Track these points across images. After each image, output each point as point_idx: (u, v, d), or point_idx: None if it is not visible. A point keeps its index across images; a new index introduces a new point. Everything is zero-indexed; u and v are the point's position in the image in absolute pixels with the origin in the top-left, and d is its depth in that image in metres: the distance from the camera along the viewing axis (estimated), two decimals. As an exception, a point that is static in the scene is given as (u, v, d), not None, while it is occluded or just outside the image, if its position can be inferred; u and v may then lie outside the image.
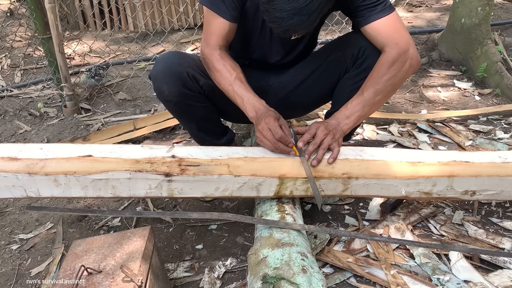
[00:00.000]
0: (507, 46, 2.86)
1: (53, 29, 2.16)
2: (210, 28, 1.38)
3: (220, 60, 1.36)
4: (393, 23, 1.32)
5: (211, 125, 1.60)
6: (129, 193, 1.26)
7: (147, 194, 1.27)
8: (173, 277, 1.32)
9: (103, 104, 2.57)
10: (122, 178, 1.23)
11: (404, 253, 1.35)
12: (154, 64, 1.45)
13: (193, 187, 1.26)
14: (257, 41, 1.48)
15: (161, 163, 1.24)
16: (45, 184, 1.23)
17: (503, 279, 1.22)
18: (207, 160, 1.25)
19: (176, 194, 1.27)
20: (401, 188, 1.30)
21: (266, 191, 1.28)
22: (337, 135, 1.28)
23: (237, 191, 1.28)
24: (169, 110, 1.55)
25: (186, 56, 1.47)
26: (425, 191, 1.32)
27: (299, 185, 1.27)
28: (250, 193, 1.28)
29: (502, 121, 2.15)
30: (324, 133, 1.27)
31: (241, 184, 1.26)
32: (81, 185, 1.24)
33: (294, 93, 1.58)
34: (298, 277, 0.97)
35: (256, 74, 1.57)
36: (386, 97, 1.35)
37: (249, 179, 1.25)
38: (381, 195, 1.34)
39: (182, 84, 1.39)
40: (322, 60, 1.53)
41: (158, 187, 1.25)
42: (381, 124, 2.14)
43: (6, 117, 2.46)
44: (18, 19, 4.05)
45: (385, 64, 1.29)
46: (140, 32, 3.83)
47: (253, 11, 1.39)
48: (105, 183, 1.24)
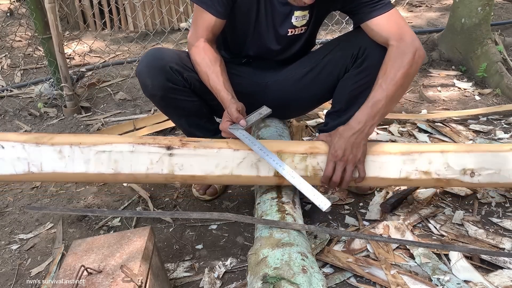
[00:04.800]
0: (507, 46, 2.85)
1: (53, 29, 2.16)
2: (197, 21, 1.42)
3: (201, 53, 1.40)
4: (395, 18, 1.32)
5: (202, 121, 1.58)
6: (131, 169, 1.30)
7: (148, 171, 1.30)
8: (173, 277, 1.32)
9: (103, 104, 2.57)
10: (125, 151, 1.30)
11: (404, 253, 1.35)
12: (139, 60, 1.46)
13: (193, 163, 1.31)
14: (252, 37, 1.48)
15: (163, 138, 1.35)
16: (49, 156, 1.30)
17: (503, 279, 1.22)
18: (207, 139, 1.37)
19: (176, 170, 1.31)
20: (399, 166, 1.31)
21: (266, 170, 1.30)
22: (359, 151, 1.25)
23: (236, 169, 1.30)
24: (156, 105, 1.55)
25: (169, 51, 1.48)
26: (424, 170, 1.32)
27: (297, 162, 1.30)
28: (250, 171, 1.30)
29: (502, 121, 2.15)
30: (343, 161, 1.25)
31: (241, 160, 1.30)
32: (84, 158, 1.29)
33: (291, 92, 1.57)
34: (299, 277, 0.97)
35: (253, 72, 1.57)
36: (405, 90, 1.32)
37: (248, 154, 1.30)
38: (380, 177, 1.32)
39: (165, 77, 1.39)
40: (320, 59, 1.52)
41: (159, 162, 1.30)
42: (381, 124, 2.14)
43: (6, 117, 2.46)
44: (18, 19, 4.05)
45: (397, 57, 1.27)
46: (140, 32, 3.83)
47: (246, 6, 1.39)
48: (108, 157, 1.30)
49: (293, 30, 1.45)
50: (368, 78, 1.37)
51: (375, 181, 1.34)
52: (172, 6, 3.90)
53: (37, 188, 1.79)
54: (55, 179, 1.50)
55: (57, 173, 1.31)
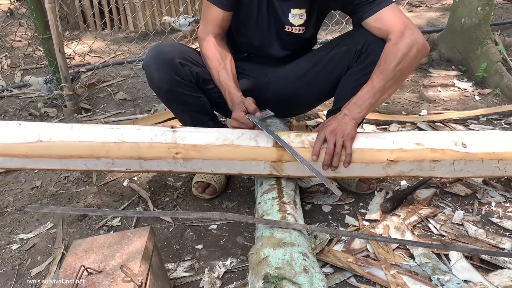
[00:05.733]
0: (507, 46, 2.86)
1: (53, 29, 2.15)
2: (206, 16, 1.46)
3: (212, 48, 1.44)
4: (395, 13, 1.33)
5: (206, 119, 1.59)
6: (136, 138, 1.37)
7: (152, 140, 1.37)
8: (173, 277, 1.32)
9: (103, 104, 2.57)
10: (132, 128, 1.41)
11: (404, 253, 1.35)
12: (146, 54, 1.47)
13: (195, 136, 1.37)
14: (254, 30, 1.49)
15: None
16: (62, 128, 1.41)
17: (503, 279, 1.22)
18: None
19: (179, 140, 1.36)
20: (391, 138, 1.36)
21: (264, 141, 1.35)
22: (347, 129, 1.29)
23: (236, 140, 1.36)
24: (161, 98, 1.56)
25: (177, 45, 1.50)
26: (416, 142, 1.35)
27: (293, 138, 1.36)
28: (249, 142, 1.35)
29: (502, 121, 2.15)
30: (333, 135, 1.28)
31: (240, 134, 1.36)
32: (93, 131, 1.39)
33: (293, 88, 1.57)
34: (300, 277, 0.97)
35: (254, 67, 1.57)
36: (396, 83, 1.34)
37: (246, 131, 1.37)
38: (376, 149, 1.35)
39: (173, 70, 1.41)
40: (322, 56, 1.52)
41: (163, 135, 1.37)
42: (381, 124, 2.14)
43: (6, 117, 2.46)
44: (18, 19, 4.05)
45: (392, 51, 1.29)
46: (140, 32, 3.83)
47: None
48: (115, 131, 1.39)
49: (290, 28, 1.46)
50: (371, 75, 1.37)
51: (371, 154, 1.34)
52: (172, 6, 3.90)
53: (37, 188, 1.80)
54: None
55: (64, 141, 1.37)
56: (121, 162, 1.39)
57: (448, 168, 1.37)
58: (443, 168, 1.37)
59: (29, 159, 1.39)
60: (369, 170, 1.37)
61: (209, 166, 1.39)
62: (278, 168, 1.37)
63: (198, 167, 1.40)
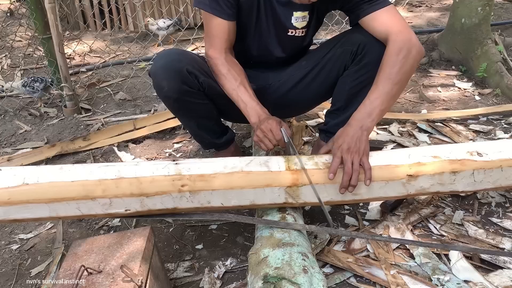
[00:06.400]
0: (507, 46, 2.85)
1: (53, 29, 2.16)
2: (211, 30, 1.40)
3: (225, 65, 1.39)
4: (393, 14, 1.33)
5: (211, 124, 1.60)
6: (135, 174, 1.21)
7: (154, 174, 1.21)
8: (173, 277, 1.32)
9: (103, 104, 2.57)
10: (129, 164, 1.25)
11: (404, 253, 1.35)
12: (153, 61, 1.45)
13: (200, 166, 1.24)
14: (253, 37, 1.48)
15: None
16: (50, 169, 1.21)
17: (503, 279, 1.22)
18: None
19: (184, 172, 1.22)
20: (406, 153, 1.30)
21: (276, 165, 1.25)
22: (361, 145, 1.23)
23: (246, 167, 1.24)
24: (168, 107, 1.55)
25: (186, 53, 1.47)
26: (432, 155, 1.29)
27: (305, 161, 1.26)
28: (260, 168, 1.24)
29: (502, 121, 2.15)
30: (350, 154, 1.21)
31: (248, 161, 1.26)
32: (87, 170, 1.21)
33: (292, 91, 1.58)
34: (299, 277, 0.97)
35: (255, 73, 1.57)
36: (402, 87, 1.31)
37: (255, 158, 1.28)
38: (394, 164, 1.28)
39: (182, 80, 1.39)
40: (320, 58, 1.52)
41: (165, 168, 1.23)
42: (381, 124, 2.14)
43: (6, 117, 2.46)
44: (18, 19, 4.05)
45: (393, 54, 1.27)
46: (140, 32, 3.83)
47: (247, 6, 1.39)
48: (111, 168, 1.22)
49: (293, 31, 1.45)
50: (367, 75, 1.37)
51: (390, 171, 1.27)
52: (172, 6, 3.90)
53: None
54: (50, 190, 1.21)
55: (53, 182, 1.18)
56: (120, 201, 1.21)
57: (469, 179, 1.30)
58: (463, 180, 1.30)
59: (13, 206, 1.16)
60: (389, 189, 1.28)
61: (218, 198, 1.24)
62: (293, 194, 1.26)
63: (207, 201, 1.24)
